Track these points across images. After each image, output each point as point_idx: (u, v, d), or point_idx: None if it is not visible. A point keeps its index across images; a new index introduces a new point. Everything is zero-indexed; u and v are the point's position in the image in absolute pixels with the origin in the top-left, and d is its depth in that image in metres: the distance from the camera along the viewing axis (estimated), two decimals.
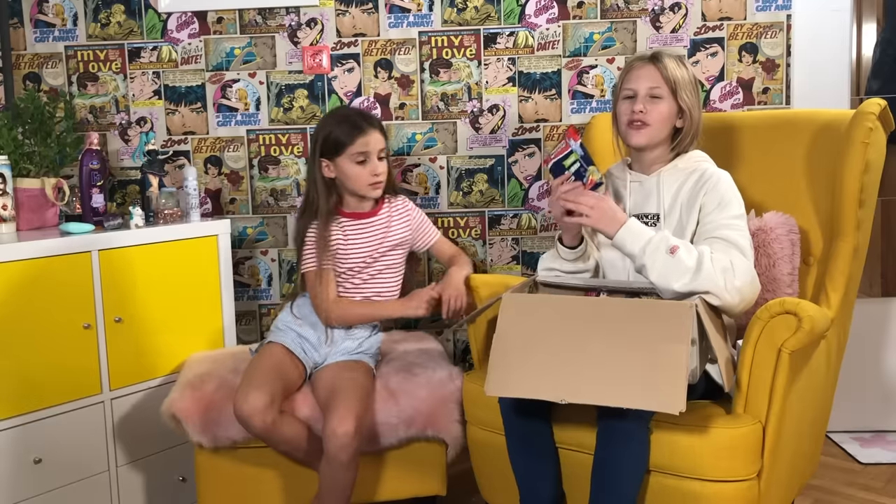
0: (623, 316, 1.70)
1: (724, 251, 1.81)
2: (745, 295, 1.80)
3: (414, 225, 2.32)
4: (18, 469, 2.08)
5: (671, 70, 1.94)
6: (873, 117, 1.99)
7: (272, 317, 2.85)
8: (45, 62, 2.78)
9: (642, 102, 1.95)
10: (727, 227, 1.85)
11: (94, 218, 2.40)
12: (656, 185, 1.98)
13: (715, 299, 1.77)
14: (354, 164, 2.15)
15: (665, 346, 1.63)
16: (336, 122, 2.18)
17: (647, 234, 1.83)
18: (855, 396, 2.78)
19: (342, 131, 2.15)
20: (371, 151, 2.16)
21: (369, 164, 2.16)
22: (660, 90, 1.94)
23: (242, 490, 2.14)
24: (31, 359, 2.10)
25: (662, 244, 1.80)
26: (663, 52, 1.98)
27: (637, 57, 2.00)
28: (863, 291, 2.49)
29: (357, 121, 2.16)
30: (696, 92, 1.98)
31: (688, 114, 1.96)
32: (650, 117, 1.94)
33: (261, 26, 2.76)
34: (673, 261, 1.78)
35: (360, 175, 2.16)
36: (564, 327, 1.72)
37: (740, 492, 1.72)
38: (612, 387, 1.64)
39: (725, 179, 1.93)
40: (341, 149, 2.15)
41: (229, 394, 2.09)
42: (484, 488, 2.13)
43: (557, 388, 1.68)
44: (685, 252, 1.79)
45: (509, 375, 1.73)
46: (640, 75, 1.97)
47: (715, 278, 1.76)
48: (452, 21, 2.74)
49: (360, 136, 2.14)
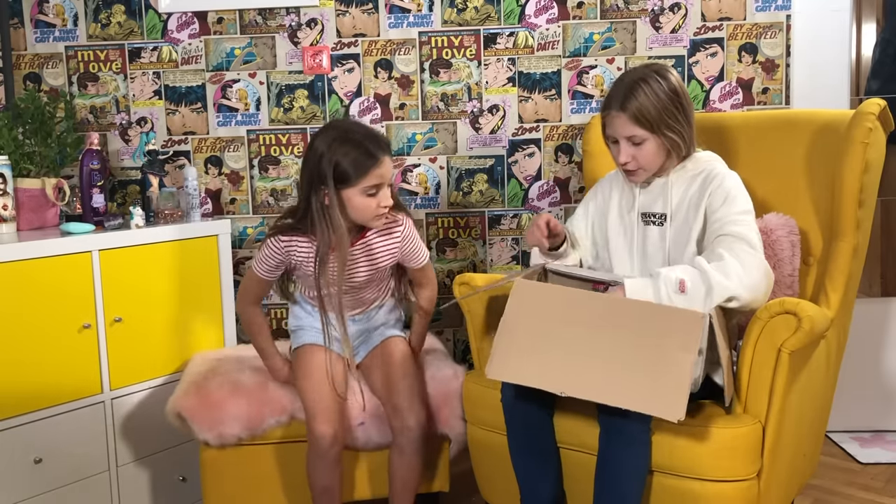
0: (635, 317, 1.68)
1: (731, 248, 1.79)
2: (761, 289, 1.79)
3: (404, 245, 2.09)
4: (18, 469, 2.08)
5: (643, 111, 1.84)
6: (873, 117, 1.99)
7: (272, 317, 2.86)
8: (45, 62, 2.78)
9: (627, 150, 1.88)
10: (734, 223, 1.83)
11: (95, 218, 2.40)
12: (665, 185, 1.97)
13: (735, 303, 1.77)
14: (364, 196, 1.92)
15: (672, 354, 1.62)
16: (347, 149, 1.90)
17: (650, 288, 1.78)
18: (855, 396, 2.79)
19: (355, 161, 1.90)
20: (384, 183, 1.94)
21: (379, 195, 1.94)
22: (638, 136, 1.86)
23: (247, 488, 2.14)
24: (31, 359, 2.10)
25: (670, 287, 1.76)
26: (632, 88, 1.85)
27: (607, 100, 1.90)
28: (863, 291, 2.49)
29: (371, 149, 1.91)
30: (680, 109, 1.88)
31: (675, 138, 1.89)
32: (639, 162, 1.90)
33: (261, 26, 2.76)
34: (686, 298, 1.75)
35: (369, 207, 1.94)
36: (574, 321, 1.71)
37: (740, 492, 1.72)
38: (614, 386, 1.64)
39: (731, 177, 1.91)
40: (352, 181, 1.91)
41: (234, 392, 2.10)
42: (484, 488, 2.13)
43: (559, 380, 1.67)
44: (691, 284, 1.76)
45: (512, 361, 1.71)
46: (614, 125, 1.88)
47: (727, 288, 1.75)
48: (452, 21, 2.74)
49: (375, 169, 1.91)
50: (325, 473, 2.01)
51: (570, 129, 2.78)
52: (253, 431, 2.09)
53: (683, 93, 1.90)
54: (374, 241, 2.06)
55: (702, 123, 2.38)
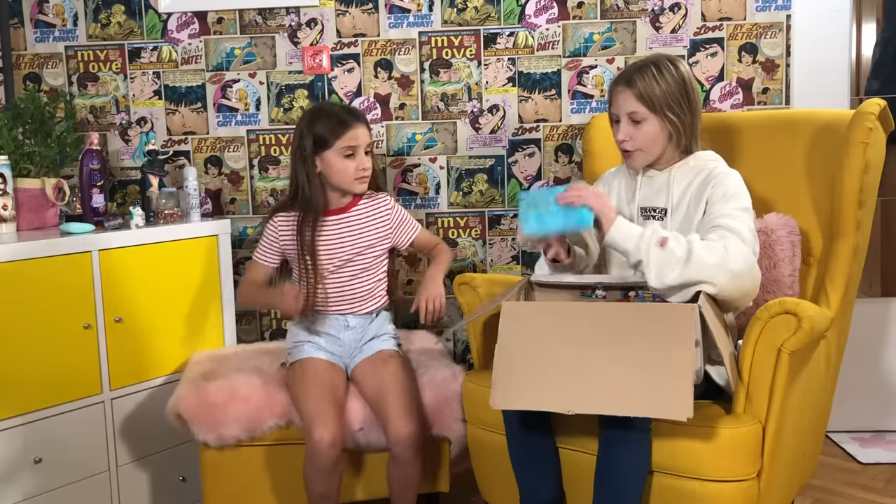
0: (625, 322, 1.68)
1: (723, 237, 1.78)
2: (744, 282, 1.76)
3: (394, 223, 2.27)
4: (18, 469, 2.08)
5: (648, 89, 1.87)
6: (873, 117, 1.99)
7: (272, 317, 2.86)
8: (45, 62, 2.78)
9: (626, 128, 1.92)
10: (728, 217, 1.82)
11: (95, 218, 2.40)
12: (667, 180, 1.96)
13: (711, 287, 1.73)
14: (342, 157, 2.14)
15: (669, 352, 1.62)
16: (323, 119, 2.16)
17: (636, 230, 1.81)
18: (855, 396, 2.78)
19: (330, 125, 2.14)
20: (359, 146, 2.14)
21: (357, 158, 2.15)
22: (639, 113, 1.89)
23: (247, 488, 2.14)
24: (31, 359, 2.10)
25: (654, 237, 1.78)
26: (642, 68, 1.90)
27: (616, 78, 1.96)
28: (863, 291, 2.49)
29: (343, 116, 2.16)
30: (685, 97, 1.90)
31: (677, 123, 1.90)
32: (637, 142, 1.92)
33: (261, 26, 2.76)
34: (664, 253, 1.75)
35: (348, 169, 2.14)
36: (566, 336, 1.71)
37: (740, 492, 1.72)
38: (617, 395, 1.64)
39: (733, 175, 1.91)
40: (329, 143, 2.13)
41: (234, 393, 2.10)
42: (484, 488, 2.13)
43: (563, 398, 1.67)
44: (675, 242, 1.76)
45: (514, 387, 1.71)
46: (618, 100, 1.92)
47: (706, 264, 1.72)
48: (452, 21, 2.74)
49: (349, 130, 2.13)
50: (323, 479, 1.99)
51: (570, 129, 2.78)
52: (253, 433, 2.09)
53: (691, 83, 1.92)
54: (361, 212, 2.23)
55: (702, 123, 2.39)
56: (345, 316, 2.21)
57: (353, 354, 2.22)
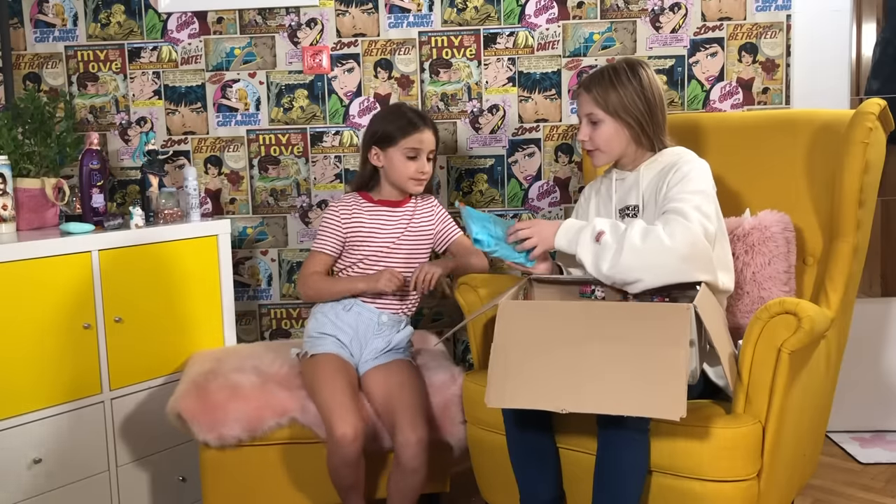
0: (620, 321, 1.69)
1: (665, 222, 1.82)
2: (685, 258, 1.78)
3: (437, 221, 2.35)
4: (18, 469, 2.08)
5: (603, 93, 1.98)
6: (873, 117, 1.99)
7: (272, 317, 2.86)
8: (45, 62, 2.78)
9: (584, 129, 2.03)
10: (677, 200, 1.86)
11: (95, 218, 2.39)
12: (636, 179, 2.02)
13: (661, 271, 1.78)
14: (405, 157, 2.21)
15: (663, 351, 1.62)
16: (394, 118, 2.24)
17: (576, 226, 1.92)
18: (855, 396, 2.78)
19: (399, 124, 2.21)
20: (423, 149, 2.22)
21: (418, 161, 2.22)
22: (595, 115, 2.00)
23: (247, 488, 2.14)
24: (31, 359, 2.10)
25: (589, 233, 1.87)
26: (599, 73, 2.00)
27: (579, 82, 2.07)
28: (863, 291, 2.49)
29: (414, 118, 2.23)
30: (642, 99, 1.96)
31: (633, 124, 1.97)
32: (595, 142, 2.02)
33: (261, 26, 2.76)
34: (599, 247, 1.85)
35: (407, 169, 2.21)
36: (562, 335, 1.72)
37: (740, 491, 1.72)
38: (612, 394, 1.64)
39: (694, 162, 1.95)
40: (395, 140, 2.21)
41: (234, 393, 2.10)
42: (484, 488, 2.13)
43: (558, 397, 1.67)
44: (611, 235, 1.84)
45: (509, 386, 1.72)
46: (579, 103, 2.05)
47: (639, 248, 1.79)
48: (452, 21, 2.74)
49: (416, 133, 2.21)
50: (350, 473, 2.01)
51: (570, 128, 2.78)
52: (253, 433, 2.09)
53: (652, 87, 1.99)
54: (414, 209, 2.32)
55: (702, 123, 2.39)
56: (381, 311, 2.23)
57: (371, 359, 2.22)
